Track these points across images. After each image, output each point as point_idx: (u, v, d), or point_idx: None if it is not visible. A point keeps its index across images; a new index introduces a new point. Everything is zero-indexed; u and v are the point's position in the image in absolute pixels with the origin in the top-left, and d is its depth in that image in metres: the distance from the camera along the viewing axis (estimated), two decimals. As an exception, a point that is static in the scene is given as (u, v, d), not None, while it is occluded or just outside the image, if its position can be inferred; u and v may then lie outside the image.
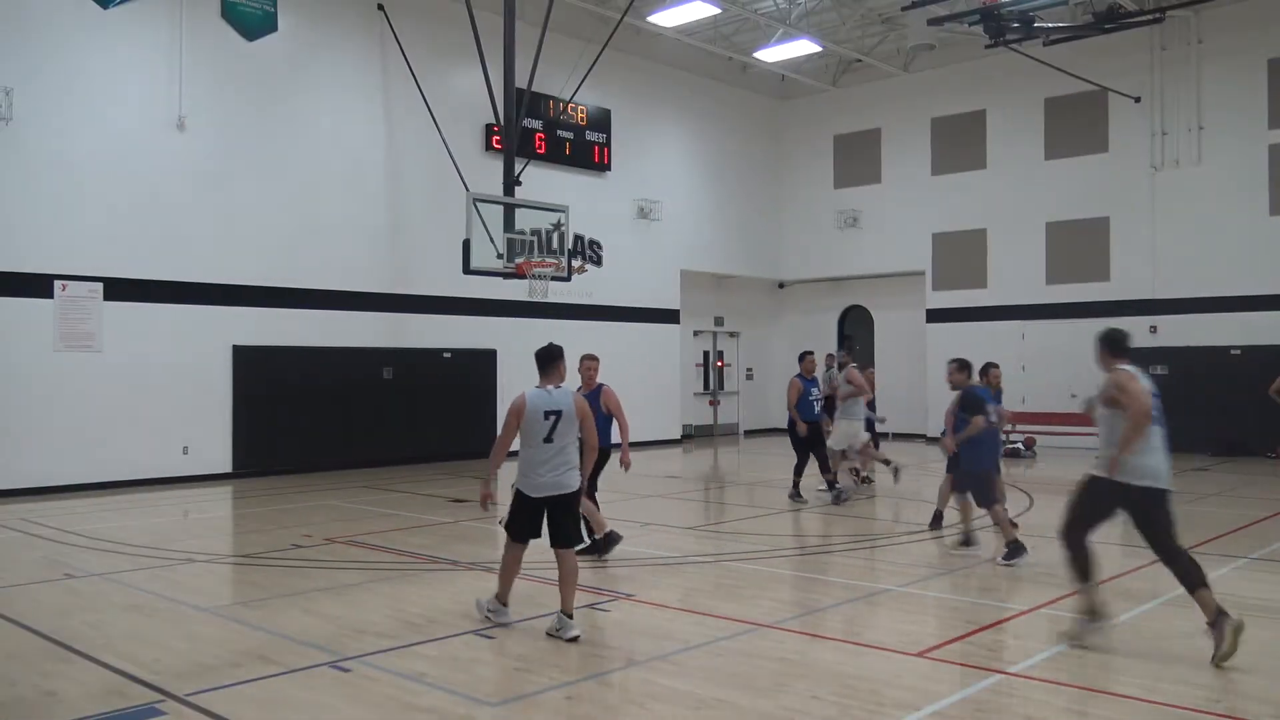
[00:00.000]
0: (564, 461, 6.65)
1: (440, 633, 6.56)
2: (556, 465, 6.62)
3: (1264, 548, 9.52)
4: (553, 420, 6.61)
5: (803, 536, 10.39)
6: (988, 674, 5.62)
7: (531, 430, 6.60)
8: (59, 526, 10.97)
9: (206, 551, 9.67)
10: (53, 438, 13.78)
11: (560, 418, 6.63)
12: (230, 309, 15.57)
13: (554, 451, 6.63)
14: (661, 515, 12.19)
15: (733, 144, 24.40)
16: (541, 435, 6.59)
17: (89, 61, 14.23)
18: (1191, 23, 19.43)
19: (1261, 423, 18.39)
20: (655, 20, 19.46)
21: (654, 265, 22.28)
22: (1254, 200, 18.89)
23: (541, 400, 6.64)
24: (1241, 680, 5.51)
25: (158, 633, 6.63)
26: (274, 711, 5.08)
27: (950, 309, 22.63)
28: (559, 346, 6.94)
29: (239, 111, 15.76)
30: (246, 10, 15.80)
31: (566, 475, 6.66)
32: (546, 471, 6.61)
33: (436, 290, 18.13)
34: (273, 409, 15.92)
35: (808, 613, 7.21)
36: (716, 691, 5.34)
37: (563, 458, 6.65)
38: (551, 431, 6.61)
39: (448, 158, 17.23)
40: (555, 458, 6.63)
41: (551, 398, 6.67)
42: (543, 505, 6.65)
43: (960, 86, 22.51)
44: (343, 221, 16.98)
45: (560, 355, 6.89)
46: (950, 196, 22.69)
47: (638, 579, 8.35)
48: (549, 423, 6.60)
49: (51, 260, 13.88)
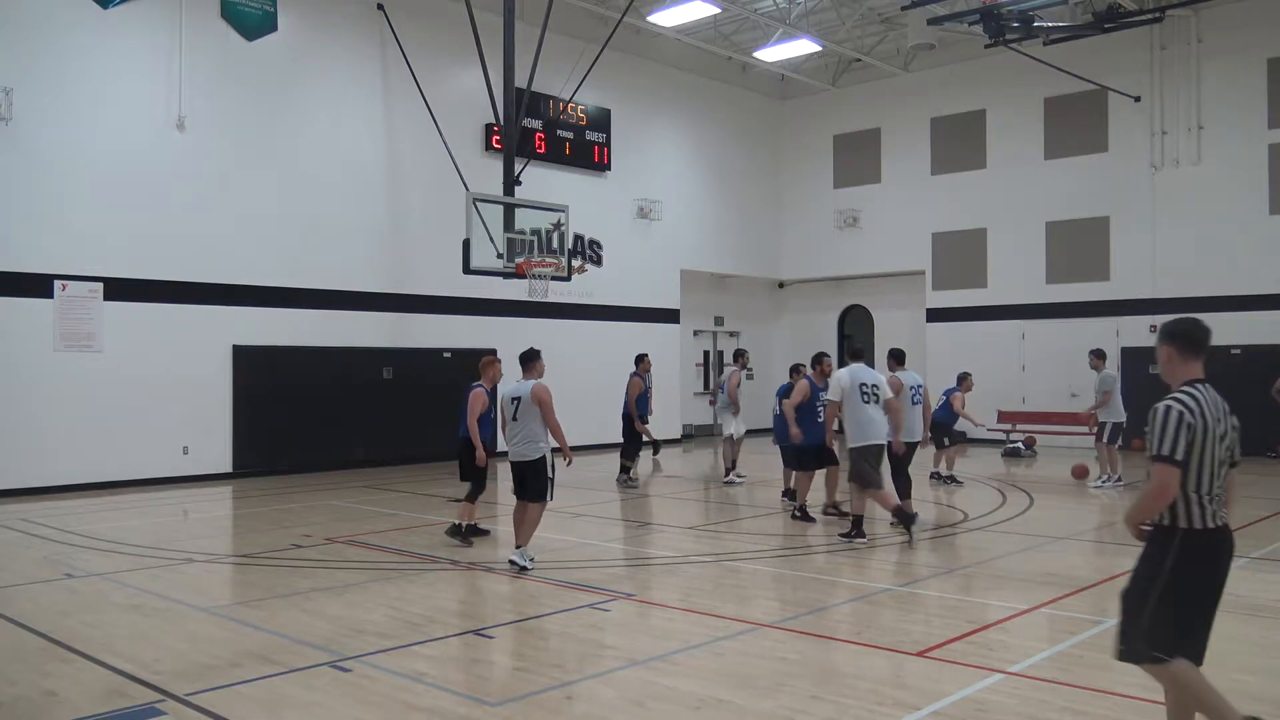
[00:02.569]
0: (522, 438, 8.47)
1: (440, 633, 6.56)
2: (518, 439, 8.50)
3: (1264, 547, 9.52)
4: (515, 405, 8.50)
5: (803, 536, 10.39)
6: (988, 674, 5.61)
7: (502, 412, 8.71)
8: (59, 526, 10.97)
9: (206, 551, 9.67)
10: (53, 438, 13.78)
11: (517, 404, 8.47)
12: (230, 309, 15.57)
13: (517, 429, 8.50)
14: (661, 515, 12.19)
15: (732, 144, 24.40)
16: (509, 415, 8.56)
17: (89, 61, 14.23)
18: (1191, 22, 19.43)
19: (1261, 423, 18.38)
20: (655, 20, 19.47)
21: (654, 265, 22.28)
22: (1254, 200, 18.89)
23: (509, 389, 8.62)
24: (1241, 680, 5.51)
25: (158, 633, 6.63)
26: (274, 711, 5.08)
27: (950, 309, 22.64)
28: (535, 349, 8.82)
29: (239, 111, 15.76)
30: (246, 10, 15.80)
31: (521, 448, 8.49)
32: (513, 444, 8.54)
33: (436, 290, 18.13)
34: (273, 409, 15.92)
35: (808, 613, 7.21)
36: (716, 691, 5.34)
37: (519, 435, 8.48)
38: (514, 413, 8.50)
39: (448, 157, 17.22)
40: (517, 434, 8.49)
41: (517, 387, 8.56)
42: (512, 468, 8.60)
43: (960, 86, 22.52)
44: (343, 221, 16.99)
45: (536, 355, 8.76)
46: (950, 196, 22.70)
47: (638, 579, 8.35)
48: (513, 406, 8.52)
49: (51, 260, 13.88)
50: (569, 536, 10.60)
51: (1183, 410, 3.93)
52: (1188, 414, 3.93)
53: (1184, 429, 3.90)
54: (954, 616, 7.11)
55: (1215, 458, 3.97)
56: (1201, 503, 3.94)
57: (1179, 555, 3.94)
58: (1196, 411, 3.94)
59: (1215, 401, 4.05)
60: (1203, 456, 3.94)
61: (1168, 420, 3.92)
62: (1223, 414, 4.05)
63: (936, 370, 21.56)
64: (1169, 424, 3.91)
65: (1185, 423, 3.91)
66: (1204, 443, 3.94)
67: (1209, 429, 3.95)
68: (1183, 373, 4.12)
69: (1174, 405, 3.96)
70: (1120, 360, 20.17)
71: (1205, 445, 3.94)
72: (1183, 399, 3.99)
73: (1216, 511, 3.94)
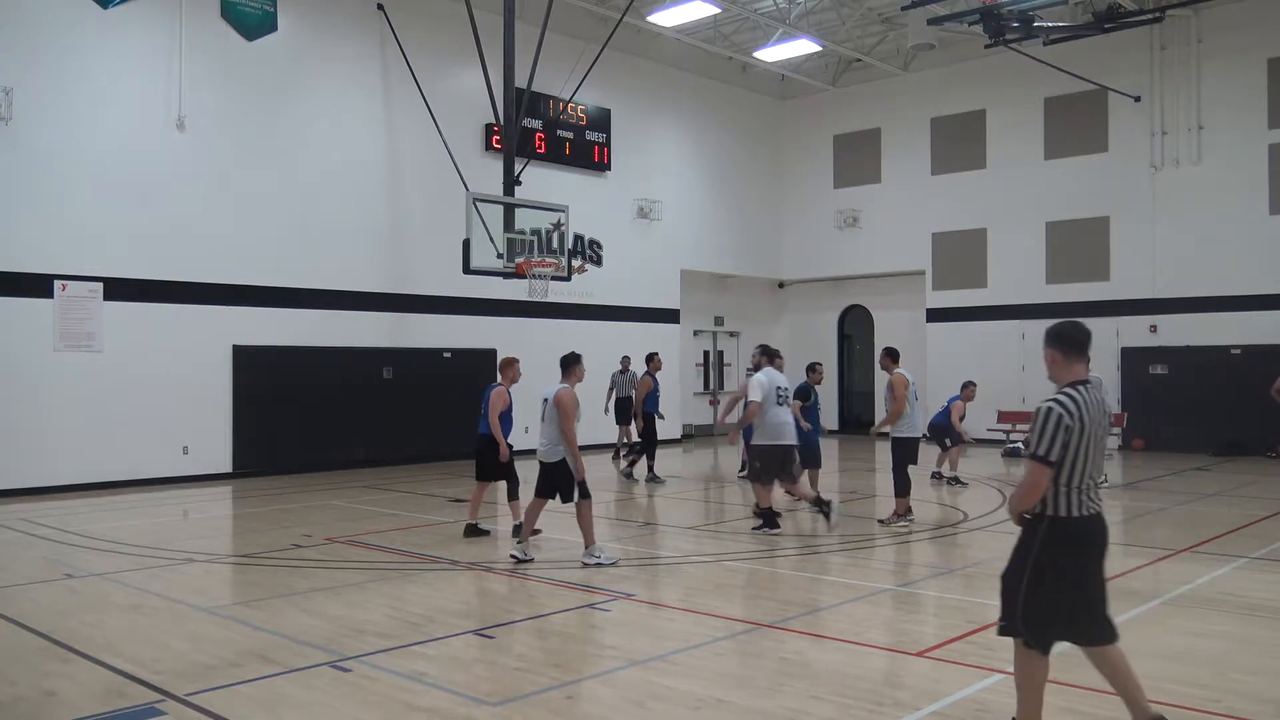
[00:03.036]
0: (548, 439, 8.72)
1: (440, 633, 6.56)
2: (545, 441, 8.75)
3: (1264, 547, 9.52)
4: (544, 406, 8.79)
5: (802, 536, 10.39)
6: (988, 674, 5.61)
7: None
8: (59, 526, 10.97)
9: (206, 551, 9.67)
10: (53, 438, 13.78)
11: (545, 405, 8.76)
12: (230, 309, 15.57)
13: (544, 430, 8.76)
14: (661, 515, 12.19)
15: (732, 144, 24.40)
16: (540, 416, 8.81)
17: (89, 61, 14.23)
18: (1191, 22, 19.43)
19: (1261, 423, 18.40)
20: (655, 20, 19.47)
21: (654, 265, 22.28)
22: (1254, 200, 18.90)
23: (546, 391, 8.84)
24: (1241, 680, 5.51)
25: (158, 633, 6.63)
26: (274, 711, 5.08)
27: (950, 309, 22.64)
28: (575, 354, 9.00)
29: (238, 111, 15.76)
30: (246, 10, 15.80)
31: (548, 450, 8.73)
32: (541, 444, 8.80)
33: (436, 290, 18.13)
34: (273, 409, 15.92)
35: (808, 613, 7.21)
36: (716, 691, 5.34)
37: (546, 436, 8.73)
38: (543, 414, 8.77)
39: (448, 157, 17.22)
40: (545, 435, 8.75)
41: (549, 390, 8.81)
42: (540, 468, 8.87)
43: (960, 86, 22.52)
44: (343, 221, 16.99)
45: (574, 360, 8.95)
46: (950, 196, 22.70)
47: (638, 579, 8.35)
48: (543, 408, 8.80)
49: (51, 260, 13.88)
50: (570, 536, 10.60)
51: (1061, 413, 4.15)
52: (1066, 416, 4.15)
53: (1060, 430, 4.14)
54: (954, 616, 7.11)
55: (1090, 453, 4.22)
56: (1070, 495, 4.20)
57: (1045, 541, 4.25)
58: (1075, 413, 4.17)
59: (1097, 401, 4.28)
60: (1078, 453, 4.18)
61: (1047, 422, 4.17)
62: (1103, 413, 4.31)
63: (937, 370, 21.59)
64: (1047, 425, 4.16)
65: (1063, 425, 4.14)
66: (1079, 442, 4.17)
67: (1085, 428, 4.18)
68: (1067, 374, 4.35)
69: (1054, 408, 4.19)
70: (1120, 360, 20.20)
71: (1081, 443, 4.18)
72: (1063, 401, 4.21)
73: (1085, 501, 4.22)
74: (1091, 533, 4.28)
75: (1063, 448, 4.14)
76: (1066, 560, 4.24)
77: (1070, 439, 4.15)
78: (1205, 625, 6.68)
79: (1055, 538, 4.23)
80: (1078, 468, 4.19)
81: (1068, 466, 4.17)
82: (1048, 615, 4.26)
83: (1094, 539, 4.30)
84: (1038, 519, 4.29)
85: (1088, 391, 4.26)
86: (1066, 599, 4.26)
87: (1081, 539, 4.26)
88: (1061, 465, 4.17)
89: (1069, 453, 4.16)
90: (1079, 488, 4.21)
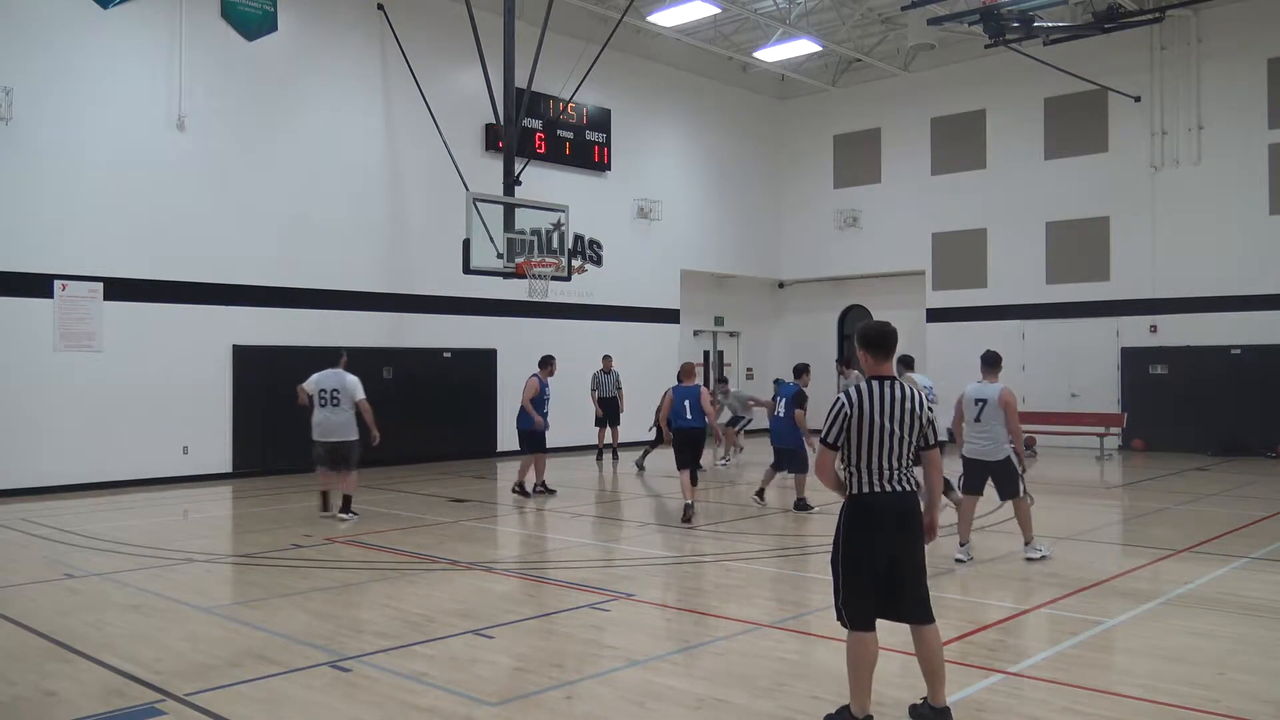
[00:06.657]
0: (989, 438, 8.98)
1: (440, 633, 6.56)
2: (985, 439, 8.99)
3: (1264, 547, 9.52)
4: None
5: (802, 536, 10.39)
6: (988, 674, 5.61)
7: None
8: (59, 526, 10.97)
9: (206, 551, 9.67)
10: (53, 438, 13.77)
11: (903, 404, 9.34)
12: (230, 309, 15.57)
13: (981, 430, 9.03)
14: (662, 515, 12.19)
15: (733, 144, 24.39)
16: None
17: (89, 61, 14.23)
18: (1191, 22, 19.43)
19: (1261, 423, 18.42)
20: (655, 20, 19.47)
21: (654, 265, 22.27)
22: (1254, 200, 18.89)
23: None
24: (1241, 680, 5.51)
25: (158, 633, 6.63)
26: (274, 711, 5.08)
27: (950, 309, 22.63)
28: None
29: (239, 111, 15.76)
30: (246, 10, 15.80)
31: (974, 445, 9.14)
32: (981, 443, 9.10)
33: (436, 290, 18.13)
34: (273, 409, 15.88)
35: (808, 613, 7.21)
36: (716, 691, 5.34)
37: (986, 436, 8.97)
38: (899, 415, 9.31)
39: (448, 157, 17.22)
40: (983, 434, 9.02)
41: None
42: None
43: (960, 86, 22.51)
44: (343, 221, 16.98)
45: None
46: (950, 196, 22.69)
47: (638, 579, 8.35)
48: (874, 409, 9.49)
49: (51, 260, 13.88)
50: (569, 536, 10.61)
51: (844, 404, 4.75)
52: (846, 406, 4.73)
53: (840, 419, 4.74)
54: (954, 616, 7.10)
55: (877, 439, 4.68)
56: (860, 475, 4.73)
57: (845, 518, 4.78)
58: (855, 403, 4.71)
59: (892, 396, 4.72)
60: (860, 438, 4.71)
61: (830, 411, 4.80)
62: (899, 405, 4.71)
63: (937, 370, 21.57)
64: (830, 414, 4.79)
65: (842, 414, 4.74)
66: (859, 427, 4.70)
67: (866, 415, 4.69)
68: (875, 371, 4.86)
69: (840, 399, 4.79)
70: (1120, 360, 20.21)
71: (862, 429, 4.70)
72: (850, 393, 4.78)
73: (875, 481, 4.69)
74: (883, 508, 4.68)
75: (841, 432, 4.71)
76: (862, 535, 4.68)
77: (849, 425, 4.69)
78: (1205, 625, 6.68)
79: (851, 513, 4.73)
80: (863, 451, 4.69)
81: (853, 449, 4.71)
82: (856, 589, 4.67)
83: (885, 513, 4.67)
84: (844, 500, 4.80)
85: (883, 386, 4.72)
86: (862, 579, 4.67)
87: (872, 512, 4.68)
88: (848, 448, 4.72)
89: (851, 436, 4.69)
90: (868, 468, 4.69)
